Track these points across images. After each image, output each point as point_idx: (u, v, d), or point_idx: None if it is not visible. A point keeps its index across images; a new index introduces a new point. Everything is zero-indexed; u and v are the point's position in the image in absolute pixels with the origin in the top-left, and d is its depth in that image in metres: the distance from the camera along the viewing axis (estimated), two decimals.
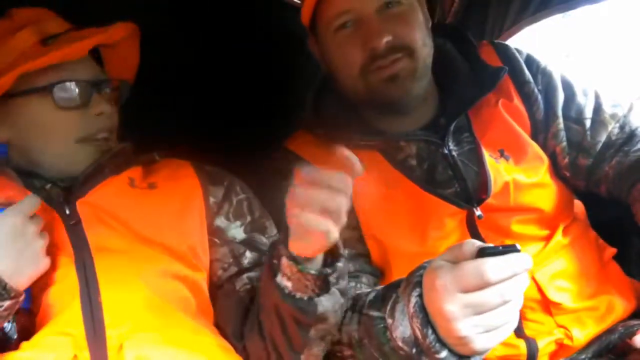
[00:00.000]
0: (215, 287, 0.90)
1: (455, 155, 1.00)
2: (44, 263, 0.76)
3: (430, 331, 0.65)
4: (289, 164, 1.02)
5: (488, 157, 0.99)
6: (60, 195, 0.85)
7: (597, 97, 1.05)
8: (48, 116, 0.85)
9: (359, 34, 0.94)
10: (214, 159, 0.98)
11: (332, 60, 1.00)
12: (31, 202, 0.76)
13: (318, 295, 0.73)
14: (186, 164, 0.95)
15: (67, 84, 0.85)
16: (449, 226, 0.96)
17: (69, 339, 0.73)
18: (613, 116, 1.03)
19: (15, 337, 0.74)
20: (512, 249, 0.61)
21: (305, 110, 1.10)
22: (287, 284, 0.73)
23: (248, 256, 0.90)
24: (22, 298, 0.73)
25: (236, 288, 0.88)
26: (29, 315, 0.77)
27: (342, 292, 0.76)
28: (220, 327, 0.87)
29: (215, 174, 0.95)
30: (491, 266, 0.59)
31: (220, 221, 0.91)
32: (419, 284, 0.67)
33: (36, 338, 0.74)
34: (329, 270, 0.73)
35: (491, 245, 0.62)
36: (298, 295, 0.73)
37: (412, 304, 0.67)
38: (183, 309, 0.82)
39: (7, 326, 0.74)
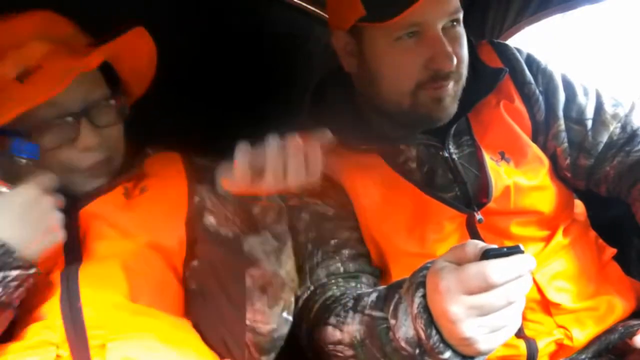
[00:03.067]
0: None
1: (456, 159, 1.00)
2: (59, 236, 0.75)
3: (434, 332, 0.64)
4: None
5: (489, 160, 0.98)
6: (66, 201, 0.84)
7: (598, 97, 1.05)
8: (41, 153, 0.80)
9: (424, 49, 0.90)
10: (213, 159, 0.98)
11: (380, 67, 0.94)
12: (47, 178, 0.75)
13: (245, 233, 0.72)
14: (176, 159, 0.95)
15: (42, 126, 0.79)
16: (447, 229, 0.96)
17: (51, 342, 0.73)
18: (614, 116, 1.02)
19: None
20: (516, 250, 0.61)
21: (304, 112, 1.09)
22: (212, 220, 0.73)
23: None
24: (33, 271, 0.71)
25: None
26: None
27: (276, 236, 0.75)
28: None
29: (205, 168, 0.93)
30: (496, 269, 0.59)
31: (195, 215, 0.89)
32: (422, 284, 0.67)
33: (19, 342, 0.74)
34: (248, 199, 0.72)
35: (495, 246, 0.62)
36: (223, 231, 0.72)
37: (415, 305, 0.66)
38: (169, 309, 0.82)
39: None
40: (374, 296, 0.80)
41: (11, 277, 0.68)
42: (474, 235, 0.96)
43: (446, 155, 0.99)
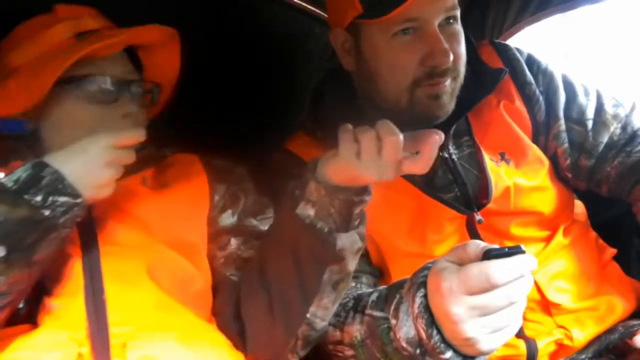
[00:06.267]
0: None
1: (455, 159, 1.00)
2: (109, 190, 0.76)
3: (435, 332, 0.65)
4: (288, 165, 1.03)
5: (489, 161, 0.98)
6: None
7: (598, 98, 1.04)
8: (74, 108, 0.85)
9: (420, 46, 0.90)
10: (225, 150, 0.98)
11: (379, 64, 0.94)
12: (134, 134, 0.77)
13: (338, 230, 0.74)
14: (195, 160, 0.96)
15: (98, 77, 0.85)
16: (447, 230, 0.96)
17: (72, 337, 0.73)
18: (615, 117, 1.02)
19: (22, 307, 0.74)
20: (517, 251, 0.61)
21: (304, 112, 1.09)
22: (310, 212, 0.73)
23: (233, 242, 0.91)
24: (79, 200, 0.72)
25: (226, 274, 0.89)
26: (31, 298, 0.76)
27: (361, 237, 0.77)
28: (216, 316, 0.87)
29: (223, 169, 0.96)
30: (497, 269, 0.59)
31: (216, 214, 0.92)
32: (424, 284, 0.67)
33: (39, 335, 0.74)
34: (356, 199, 0.73)
35: (496, 246, 0.62)
36: (319, 224, 0.73)
37: (416, 305, 0.67)
38: (192, 306, 0.82)
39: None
40: (374, 296, 0.80)
41: (59, 203, 0.70)
42: (474, 235, 0.96)
43: (446, 155, 0.99)
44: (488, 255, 0.61)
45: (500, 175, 0.97)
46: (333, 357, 0.87)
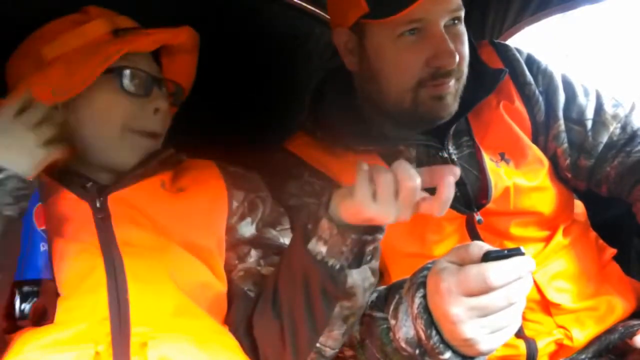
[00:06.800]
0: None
1: (455, 159, 1.00)
2: (41, 153, 0.77)
3: (434, 332, 0.65)
4: (288, 165, 1.03)
5: (488, 161, 0.98)
6: (93, 187, 0.86)
7: (598, 98, 1.04)
8: (109, 98, 0.87)
9: (425, 46, 0.90)
10: (213, 159, 0.98)
11: (384, 63, 0.94)
12: (21, 97, 0.78)
13: (350, 267, 0.73)
14: (211, 166, 0.96)
15: (134, 70, 0.88)
16: (447, 230, 0.96)
17: (89, 335, 0.73)
18: (614, 117, 1.02)
19: (29, 318, 0.74)
20: (516, 252, 0.61)
21: (304, 112, 1.09)
22: (322, 249, 0.72)
23: (253, 254, 0.91)
24: (25, 183, 0.74)
25: (244, 288, 0.88)
26: (48, 296, 0.76)
27: (373, 272, 0.76)
28: (229, 326, 0.87)
29: (239, 176, 0.96)
30: (495, 271, 0.59)
31: (235, 221, 0.92)
32: (423, 284, 0.67)
33: (56, 332, 0.73)
34: (369, 237, 0.73)
35: (496, 248, 0.62)
36: (331, 262, 0.72)
37: (415, 305, 0.67)
38: (208, 310, 0.82)
39: (23, 305, 0.73)
40: (374, 296, 0.79)
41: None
42: (474, 236, 0.96)
43: (445, 155, 0.99)
44: (487, 257, 0.61)
45: (500, 175, 0.97)
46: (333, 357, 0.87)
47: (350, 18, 0.94)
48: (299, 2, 1.41)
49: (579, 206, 1.11)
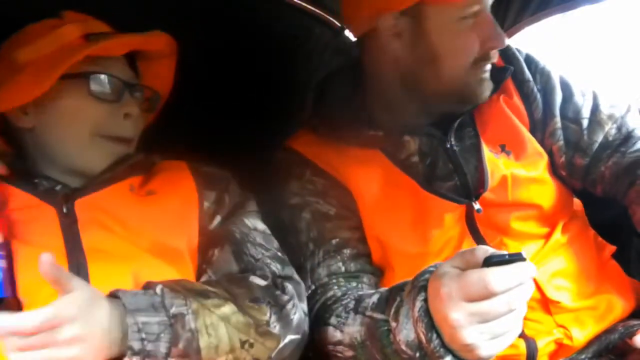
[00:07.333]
0: None
1: (457, 150, 1.00)
2: None
3: (434, 336, 0.65)
4: (291, 164, 1.03)
5: (487, 152, 0.99)
6: (61, 191, 0.86)
7: (594, 98, 1.05)
8: (78, 103, 0.87)
9: (480, 29, 0.94)
10: (214, 159, 0.98)
11: (442, 45, 0.95)
12: None
13: None
14: (183, 167, 0.96)
15: (103, 76, 0.87)
16: (449, 222, 0.96)
17: None
18: (610, 117, 1.03)
19: None
20: (517, 258, 0.61)
21: (306, 109, 1.09)
22: None
23: (216, 254, 0.90)
24: None
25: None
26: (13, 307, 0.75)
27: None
28: None
29: (211, 176, 0.96)
30: (496, 276, 0.59)
31: (207, 221, 0.92)
32: (424, 288, 0.67)
33: None
34: None
35: (497, 253, 0.62)
36: None
37: (416, 308, 0.67)
38: None
39: None
40: (375, 298, 0.80)
41: None
42: (472, 226, 0.97)
43: (448, 146, 1.00)
44: (488, 261, 0.61)
45: (498, 165, 0.98)
46: (333, 357, 0.87)
47: (406, 2, 0.95)
48: (299, 2, 1.41)
49: (577, 204, 1.11)
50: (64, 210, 0.83)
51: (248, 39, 1.35)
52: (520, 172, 0.98)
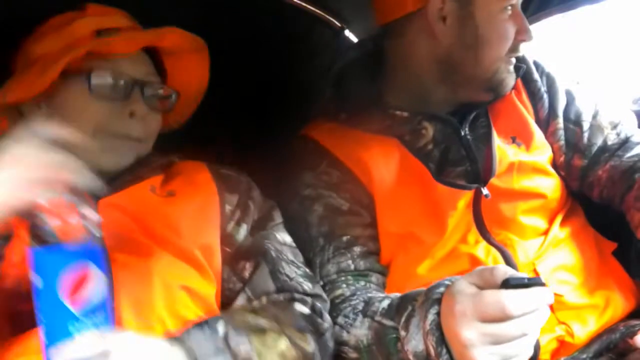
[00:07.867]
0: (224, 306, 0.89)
1: (470, 138, 1.02)
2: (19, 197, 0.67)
3: (444, 350, 0.65)
4: (306, 153, 1.03)
5: (498, 142, 1.02)
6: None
7: (596, 104, 1.09)
8: (80, 100, 0.85)
9: (515, 21, 0.99)
10: (232, 150, 0.97)
11: (490, 31, 0.98)
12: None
13: None
14: (202, 168, 0.95)
15: (105, 73, 0.85)
16: (458, 209, 0.97)
17: None
18: (611, 122, 1.06)
19: None
20: (536, 282, 0.61)
21: (324, 97, 1.09)
22: None
23: (247, 267, 0.90)
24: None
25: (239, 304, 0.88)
26: None
27: None
28: None
29: (232, 179, 0.95)
30: (514, 300, 0.59)
31: (232, 228, 0.91)
32: (438, 301, 0.67)
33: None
34: None
35: (517, 276, 0.62)
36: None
37: (428, 321, 0.67)
38: (197, 316, 0.81)
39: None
40: (385, 303, 0.80)
41: None
42: (477, 212, 0.98)
43: (462, 134, 1.02)
44: (507, 283, 0.61)
45: (506, 153, 1.00)
46: (336, 357, 0.87)
47: None
48: (299, 2, 1.41)
49: (576, 202, 1.12)
50: None
51: (247, 39, 1.35)
52: (527, 159, 1.01)
